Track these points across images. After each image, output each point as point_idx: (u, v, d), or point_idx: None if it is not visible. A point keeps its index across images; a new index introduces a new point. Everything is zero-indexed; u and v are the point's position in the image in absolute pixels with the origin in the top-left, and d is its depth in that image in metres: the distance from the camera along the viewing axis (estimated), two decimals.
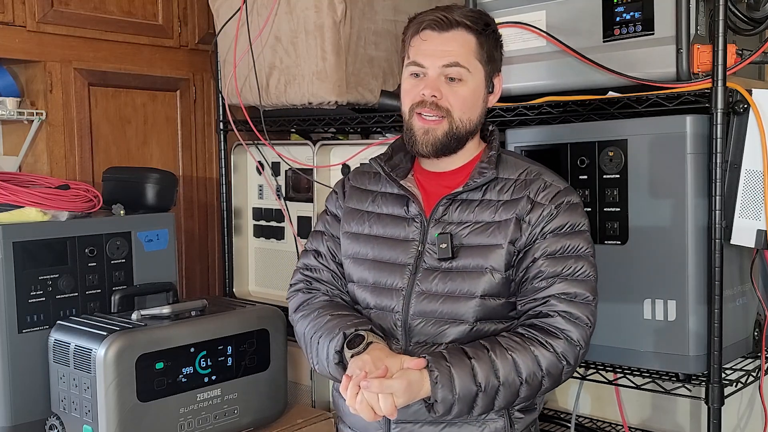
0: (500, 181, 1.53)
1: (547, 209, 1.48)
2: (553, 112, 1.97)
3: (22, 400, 1.95)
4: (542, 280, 1.46)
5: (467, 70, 1.49)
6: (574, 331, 1.43)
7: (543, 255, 1.46)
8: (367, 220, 1.60)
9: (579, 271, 1.46)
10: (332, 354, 1.47)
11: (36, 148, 2.38)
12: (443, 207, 1.53)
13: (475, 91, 1.52)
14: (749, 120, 1.72)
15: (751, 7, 1.84)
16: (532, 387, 1.42)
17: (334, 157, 2.45)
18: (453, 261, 1.48)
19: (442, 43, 1.49)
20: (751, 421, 2.19)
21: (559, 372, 1.43)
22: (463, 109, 1.50)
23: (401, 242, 1.55)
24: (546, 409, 2.44)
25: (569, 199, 1.51)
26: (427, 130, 1.51)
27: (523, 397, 1.43)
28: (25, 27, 2.28)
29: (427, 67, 1.50)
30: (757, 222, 1.72)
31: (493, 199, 1.51)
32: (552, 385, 1.44)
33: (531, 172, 1.54)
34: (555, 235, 1.47)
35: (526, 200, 1.49)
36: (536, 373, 1.41)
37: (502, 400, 1.41)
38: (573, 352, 1.43)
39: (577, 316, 1.44)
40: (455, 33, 1.50)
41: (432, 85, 1.49)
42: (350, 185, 1.68)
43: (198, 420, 1.97)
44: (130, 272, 2.16)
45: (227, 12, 2.48)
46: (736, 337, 1.88)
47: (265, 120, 2.46)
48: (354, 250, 1.61)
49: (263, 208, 2.68)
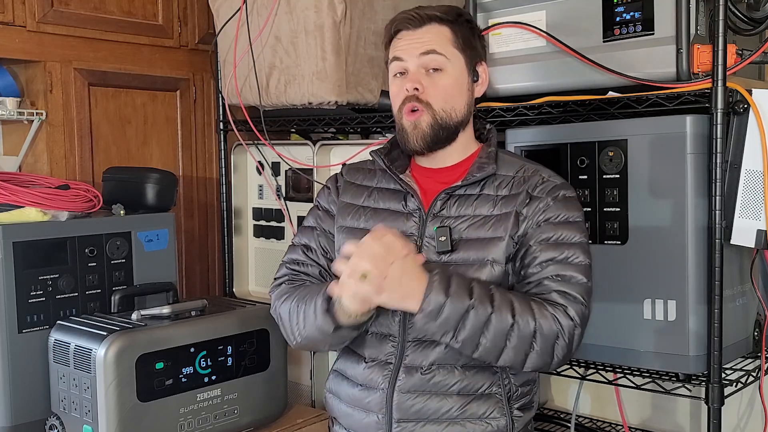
0: (498, 177, 1.54)
1: (543, 201, 1.50)
2: (553, 112, 1.97)
3: (22, 400, 1.95)
4: (536, 266, 1.46)
5: (445, 57, 1.52)
6: (569, 306, 1.42)
7: (536, 241, 1.47)
8: (362, 215, 1.61)
9: (572, 257, 1.46)
10: (321, 302, 1.46)
11: (36, 148, 2.38)
12: (441, 201, 1.54)
13: (457, 79, 1.54)
14: (749, 120, 1.72)
15: (751, 7, 1.84)
16: (522, 338, 1.37)
17: (334, 157, 2.45)
18: (452, 254, 1.49)
19: (417, 36, 1.54)
20: (751, 421, 2.19)
21: (552, 337, 1.39)
22: (444, 99, 1.53)
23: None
24: (546, 409, 2.44)
25: (564, 192, 1.52)
26: (414, 125, 1.53)
27: (510, 348, 1.38)
28: (25, 27, 2.28)
29: (406, 59, 1.54)
30: (757, 222, 1.72)
31: (491, 194, 1.53)
32: (542, 351, 1.39)
33: (528, 170, 1.55)
34: (549, 223, 1.48)
35: (524, 194, 1.51)
36: (528, 323, 1.38)
37: (490, 335, 1.37)
38: (568, 324, 1.40)
39: (573, 295, 1.43)
40: (428, 27, 1.54)
41: (412, 78, 1.53)
42: (344, 180, 1.68)
43: (198, 420, 1.97)
44: (130, 272, 2.16)
45: (227, 12, 2.48)
46: (736, 337, 1.88)
47: (265, 120, 2.46)
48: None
49: (263, 208, 2.68)
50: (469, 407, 1.49)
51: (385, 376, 1.52)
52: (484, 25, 2.07)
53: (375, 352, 1.55)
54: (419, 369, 1.50)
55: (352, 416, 1.58)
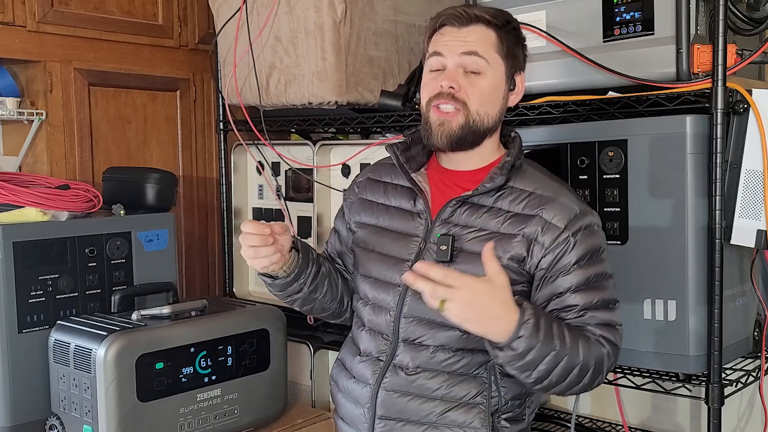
0: (515, 191, 1.49)
1: (563, 235, 1.44)
2: (553, 112, 1.97)
3: (22, 400, 1.95)
4: (574, 313, 1.44)
5: (486, 61, 1.48)
6: (610, 348, 1.44)
7: (569, 290, 1.44)
8: (376, 211, 1.61)
9: (606, 296, 1.46)
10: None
11: (36, 148, 2.38)
12: (451, 208, 1.51)
13: (495, 85, 1.50)
14: (749, 120, 1.72)
15: (751, 7, 1.84)
16: (580, 375, 1.39)
17: (334, 157, 2.45)
18: (451, 265, 1.45)
19: (462, 35, 1.49)
20: (751, 421, 2.19)
21: (599, 372, 1.41)
22: (480, 102, 1.48)
23: (405, 236, 1.54)
24: (546, 409, 2.44)
25: (585, 223, 1.46)
26: (442, 122, 1.48)
27: (566, 383, 1.38)
28: (25, 27, 2.28)
29: (446, 56, 1.49)
30: (757, 222, 1.72)
31: (504, 208, 1.48)
32: (588, 383, 1.41)
33: (547, 188, 1.49)
34: (579, 267, 1.44)
35: (538, 220, 1.45)
36: (589, 363, 1.39)
37: (558, 373, 1.36)
38: (609, 363, 1.43)
39: (613, 340, 1.44)
40: (474, 27, 1.49)
41: (450, 76, 1.48)
42: (366, 177, 1.68)
43: (198, 420, 1.97)
44: (130, 272, 2.16)
45: (227, 12, 2.48)
46: (736, 337, 1.88)
47: (265, 120, 2.46)
48: (363, 239, 1.62)
49: (263, 208, 2.68)
50: (449, 414, 1.47)
51: (374, 371, 1.53)
52: None
53: (369, 347, 1.56)
54: (405, 369, 1.50)
55: (344, 406, 1.60)
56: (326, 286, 1.63)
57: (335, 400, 1.65)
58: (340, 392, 1.62)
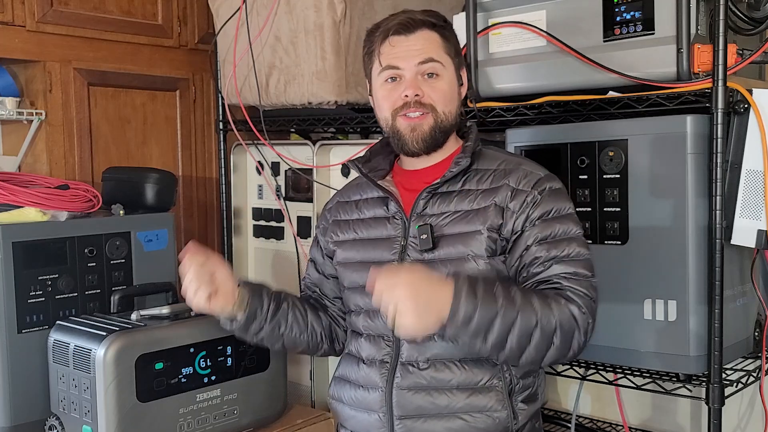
0: (479, 171, 1.54)
1: (530, 195, 1.48)
2: (553, 112, 1.97)
3: (21, 400, 1.95)
4: (539, 266, 1.45)
5: (441, 64, 1.53)
6: (580, 302, 1.41)
7: (535, 241, 1.46)
8: (352, 227, 1.64)
9: (573, 252, 1.46)
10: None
11: (35, 148, 2.37)
12: (424, 201, 1.54)
13: (451, 84, 1.55)
14: (750, 120, 1.72)
15: (752, 7, 1.84)
16: (544, 336, 1.36)
17: (334, 157, 2.45)
18: (435, 251, 1.49)
19: (412, 43, 1.52)
20: (752, 421, 2.19)
21: (570, 331, 1.39)
22: (444, 102, 1.53)
23: (385, 241, 1.57)
24: (546, 409, 2.43)
25: (551, 185, 1.51)
26: (414, 127, 1.53)
27: (533, 347, 1.36)
28: (25, 27, 2.28)
29: (403, 68, 1.52)
30: (757, 222, 1.72)
31: (473, 188, 1.53)
32: (561, 345, 1.38)
33: (510, 162, 1.55)
34: (543, 220, 1.47)
35: (506, 188, 1.50)
36: (550, 320, 1.36)
37: (515, 336, 1.35)
38: (582, 318, 1.40)
39: (582, 291, 1.43)
40: (421, 33, 1.53)
41: (412, 84, 1.52)
42: (336, 201, 1.72)
43: (198, 420, 1.97)
44: (129, 272, 2.16)
45: (227, 12, 2.47)
46: (737, 337, 1.88)
47: (265, 120, 2.46)
48: (343, 256, 1.64)
49: (263, 208, 2.68)
50: (469, 400, 1.48)
51: (382, 375, 1.53)
52: (484, 24, 2.07)
53: (371, 353, 1.56)
54: (416, 365, 1.50)
55: (355, 418, 1.59)
56: (290, 319, 1.64)
57: (341, 415, 1.63)
58: (346, 406, 1.60)
